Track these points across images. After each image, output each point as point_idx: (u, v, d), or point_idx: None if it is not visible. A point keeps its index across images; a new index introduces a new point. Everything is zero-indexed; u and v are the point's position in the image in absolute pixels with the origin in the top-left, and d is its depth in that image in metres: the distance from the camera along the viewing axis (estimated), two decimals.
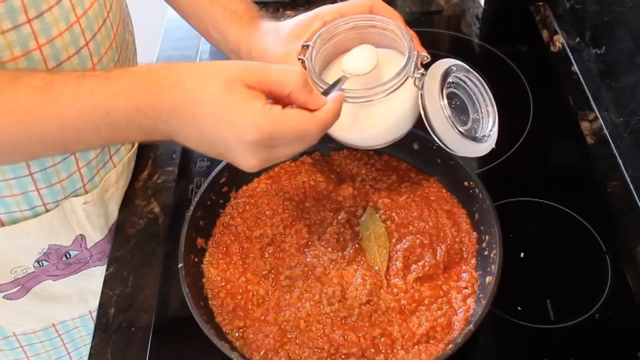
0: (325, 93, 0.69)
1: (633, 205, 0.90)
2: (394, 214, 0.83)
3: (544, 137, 0.99)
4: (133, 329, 0.82)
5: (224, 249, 0.82)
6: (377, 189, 0.87)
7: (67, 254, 0.91)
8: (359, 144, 0.81)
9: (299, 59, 0.75)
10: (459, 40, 1.18)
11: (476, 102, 0.77)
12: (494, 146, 0.76)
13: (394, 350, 0.72)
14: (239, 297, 0.77)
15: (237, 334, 0.75)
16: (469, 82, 0.76)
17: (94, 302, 0.96)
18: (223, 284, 0.79)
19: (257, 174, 0.90)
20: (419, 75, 0.73)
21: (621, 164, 0.94)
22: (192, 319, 0.71)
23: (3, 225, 0.83)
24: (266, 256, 0.81)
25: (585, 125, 1.00)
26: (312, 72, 0.73)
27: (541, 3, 1.20)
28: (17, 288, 0.92)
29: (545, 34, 1.15)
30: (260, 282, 0.78)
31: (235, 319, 0.76)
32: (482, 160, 0.96)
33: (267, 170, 0.90)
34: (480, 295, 0.75)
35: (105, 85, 0.60)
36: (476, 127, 0.76)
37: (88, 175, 0.86)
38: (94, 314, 0.99)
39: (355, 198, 0.86)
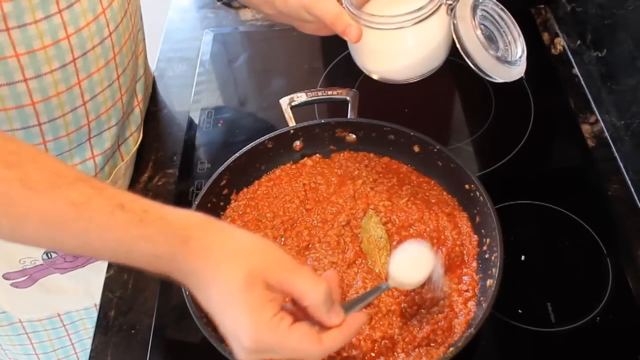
0: (353, 303, 0.65)
1: (634, 208, 0.89)
2: (394, 216, 0.83)
3: (544, 139, 0.99)
4: (133, 331, 0.82)
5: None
6: (377, 192, 0.87)
7: None
8: (390, 76, 0.83)
9: None
10: None
11: (502, 32, 0.80)
12: (523, 74, 0.80)
13: (395, 354, 0.72)
14: None
15: None
16: (494, 14, 0.80)
17: (100, 296, 0.96)
18: None
19: (258, 177, 0.90)
20: (451, 2, 0.76)
21: (622, 166, 0.94)
22: (192, 321, 0.71)
23: None
24: None
25: (586, 128, 1.00)
26: (349, 5, 0.77)
27: (542, 6, 1.20)
28: (25, 278, 0.93)
29: (546, 36, 1.15)
30: None
31: None
32: (483, 163, 0.96)
33: (267, 173, 0.90)
34: (481, 298, 0.75)
35: (137, 227, 0.57)
36: (506, 55, 0.79)
37: (100, 164, 0.88)
38: (99, 307, 1.00)
39: (355, 200, 0.86)
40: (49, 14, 0.71)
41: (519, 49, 0.81)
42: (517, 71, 0.80)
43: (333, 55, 1.14)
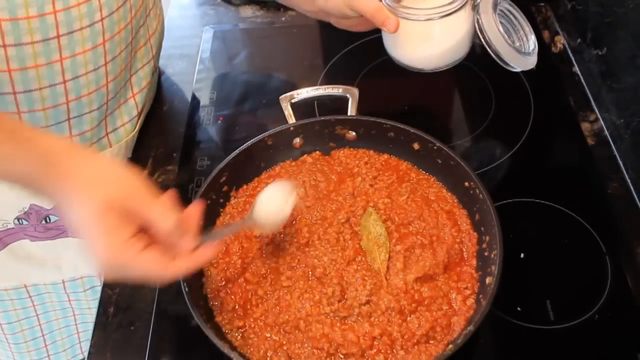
0: (214, 235, 0.75)
1: (633, 207, 0.89)
2: (393, 214, 0.83)
3: (544, 137, 0.99)
4: (132, 328, 0.82)
5: (224, 248, 0.82)
6: (377, 189, 0.87)
7: (47, 218, 0.93)
8: (419, 65, 0.94)
9: None
10: None
11: (516, 28, 0.94)
12: (534, 65, 0.93)
13: (394, 351, 0.72)
14: (239, 297, 0.77)
15: (236, 334, 0.75)
16: (509, 13, 0.93)
17: (68, 272, 0.97)
18: (223, 283, 0.79)
19: (258, 174, 0.90)
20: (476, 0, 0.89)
21: (622, 165, 0.94)
22: (191, 318, 0.71)
23: None
24: (266, 256, 0.81)
25: (585, 126, 1.00)
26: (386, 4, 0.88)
27: (542, 4, 1.20)
28: None
29: (546, 34, 1.15)
30: (260, 282, 0.78)
31: (235, 318, 0.76)
32: (483, 160, 0.96)
33: (267, 170, 0.90)
34: (480, 295, 0.75)
35: (4, 146, 0.63)
36: (520, 47, 0.92)
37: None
38: (67, 284, 1.00)
39: (355, 198, 0.86)
40: None
41: (530, 42, 0.93)
42: (531, 61, 0.92)
43: (333, 53, 1.14)
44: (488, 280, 0.75)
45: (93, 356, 0.80)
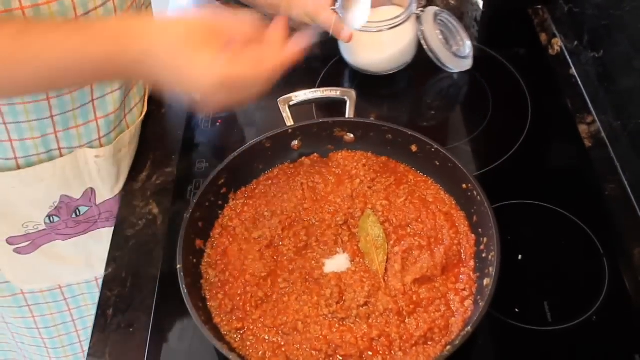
0: None
1: (630, 208, 0.90)
2: (392, 215, 0.84)
3: (542, 140, 1.00)
4: (131, 329, 0.82)
5: (223, 250, 0.82)
6: (375, 191, 0.87)
7: (77, 211, 0.94)
8: (371, 69, 1.08)
9: (333, 9, 0.99)
10: None
11: (454, 35, 1.07)
12: (470, 66, 1.08)
13: (392, 352, 0.72)
14: (238, 299, 0.77)
15: (235, 335, 0.75)
16: (447, 22, 1.07)
17: (100, 269, 0.99)
18: (221, 285, 0.79)
19: (256, 176, 0.90)
20: (419, 12, 1.04)
21: (619, 167, 0.94)
22: (190, 319, 0.71)
23: (19, 168, 0.86)
24: (265, 258, 0.81)
25: (583, 128, 1.00)
26: (341, 17, 0.99)
27: (540, 6, 1.20)
28: (27, 243, 0.95)
29: (543, 37, 1.15)
30: (259, 283, 0.78)
31: (233, 320, 0.76)
32: (481, 162, 0.96)
33: (265, 172, 0.90)
34: (478, 297, 0.75)
35: (80, 33, 0.69)
36: (458, 51, 1.07)
37: (105, 129, 0.90)
38: (100, 282, 1.02)
39: (353, 200, 0.86)
40: None
41: (467, 47, 1.07)
42: (467, 63, 1.07)
43: (331, 55, 1.14)
44: (486, 281, 0.75)
45: (92, 358, 0.80)
